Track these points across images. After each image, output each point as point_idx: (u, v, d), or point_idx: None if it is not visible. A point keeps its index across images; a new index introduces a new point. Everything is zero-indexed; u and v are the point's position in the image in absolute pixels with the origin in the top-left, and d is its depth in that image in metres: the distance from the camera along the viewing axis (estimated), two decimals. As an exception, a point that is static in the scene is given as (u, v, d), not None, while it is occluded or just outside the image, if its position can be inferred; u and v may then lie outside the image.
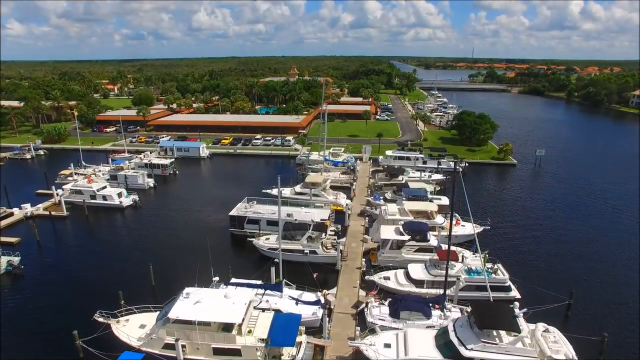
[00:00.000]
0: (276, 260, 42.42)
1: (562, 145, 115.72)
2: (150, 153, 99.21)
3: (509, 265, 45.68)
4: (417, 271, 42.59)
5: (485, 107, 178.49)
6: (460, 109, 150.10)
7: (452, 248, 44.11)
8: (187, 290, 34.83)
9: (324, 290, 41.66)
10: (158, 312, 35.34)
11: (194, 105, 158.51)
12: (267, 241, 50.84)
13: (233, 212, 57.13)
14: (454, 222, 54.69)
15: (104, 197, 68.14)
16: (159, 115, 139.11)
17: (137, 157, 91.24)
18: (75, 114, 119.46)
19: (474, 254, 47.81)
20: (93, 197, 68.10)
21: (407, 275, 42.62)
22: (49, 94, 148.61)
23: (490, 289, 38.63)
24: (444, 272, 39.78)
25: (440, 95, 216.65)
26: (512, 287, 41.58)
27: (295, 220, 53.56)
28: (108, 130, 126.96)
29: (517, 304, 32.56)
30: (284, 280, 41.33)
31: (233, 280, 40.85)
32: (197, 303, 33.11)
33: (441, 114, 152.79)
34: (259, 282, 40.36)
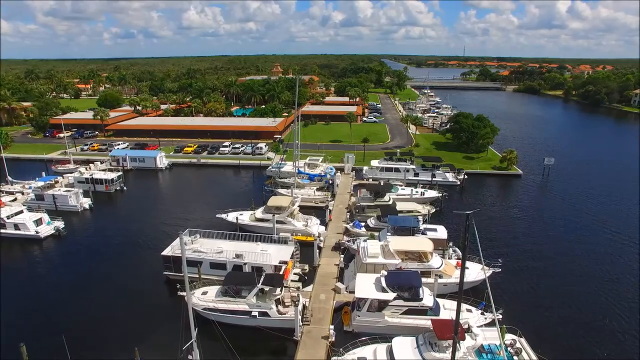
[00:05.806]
0: (217, 323, 29.30)
1: (571, 151, 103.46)
2: (101, 163, 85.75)
3: (532, 331, 33.18)
4: (406, 352, 29.61)
5: (480, 106, 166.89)
6: (454, 109, 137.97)
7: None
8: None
9: (271, 383, 28.81)
10: None
11: (163, 106, 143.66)
12: (203, 297, 37.40)
13: (167, 251, 43.92)
14: (454, 262, 42.41)
15: (16, 226, 54.38)
16: (121, 118, 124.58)
17: (78, 170, 77.61)
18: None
19: (482, 313, 35.37)
20: (2, 225, 54.37)
21: (391, 358, 29.70)
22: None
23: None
24: (443, 356, 27.28)
25: (432, 94, 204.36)
26: (543, 374, 28.98)
27: (245, 264, 40.60)
28: (61, 135, 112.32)
29: None
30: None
31: (134, 374, 27.78)
32: None
33: (434, 114, 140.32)
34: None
